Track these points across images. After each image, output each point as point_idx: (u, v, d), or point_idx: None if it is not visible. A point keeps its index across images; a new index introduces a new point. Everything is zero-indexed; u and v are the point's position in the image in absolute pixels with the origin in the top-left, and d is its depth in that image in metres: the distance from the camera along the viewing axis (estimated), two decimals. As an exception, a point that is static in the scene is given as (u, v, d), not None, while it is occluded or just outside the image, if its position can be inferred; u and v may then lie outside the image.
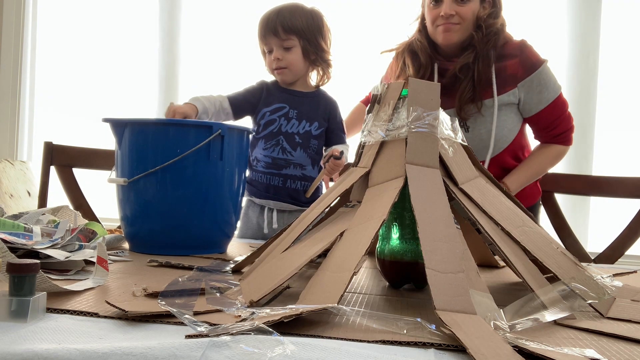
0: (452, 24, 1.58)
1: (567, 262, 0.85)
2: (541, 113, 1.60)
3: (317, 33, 1.58)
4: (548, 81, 1.58)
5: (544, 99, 1.59)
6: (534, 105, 1.60)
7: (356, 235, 0.77)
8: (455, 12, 1.57)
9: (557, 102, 1.60)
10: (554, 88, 1.59)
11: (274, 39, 1.55)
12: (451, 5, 1.57)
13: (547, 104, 1.59)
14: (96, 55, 2.73)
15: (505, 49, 1.60)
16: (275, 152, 1.58)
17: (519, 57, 1.58)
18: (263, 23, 1.57)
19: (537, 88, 1.58)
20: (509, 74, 1.58)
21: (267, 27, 1.55)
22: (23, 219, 1.07)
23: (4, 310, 0.61)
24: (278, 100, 1.60)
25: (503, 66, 1.58)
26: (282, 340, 0.55)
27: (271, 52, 1.57)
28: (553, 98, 1.59)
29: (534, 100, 1.59)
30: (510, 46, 1.61)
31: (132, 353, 0.52)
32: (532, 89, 1.58)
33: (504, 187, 1.40)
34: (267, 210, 1.62)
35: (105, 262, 0.84)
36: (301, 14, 1.56)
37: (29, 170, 2.59)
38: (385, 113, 0.88)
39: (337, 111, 1.65)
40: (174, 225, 1.16)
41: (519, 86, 1.58)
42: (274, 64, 1.57)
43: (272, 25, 1.54)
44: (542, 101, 1.59)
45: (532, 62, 1.58)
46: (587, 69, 2.35)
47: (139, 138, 1.16)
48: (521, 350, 0.56)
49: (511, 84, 1.58)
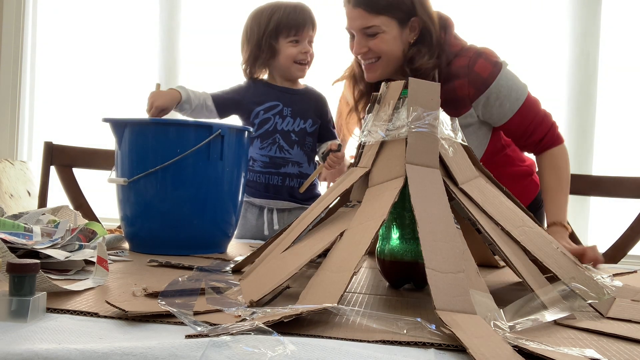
0: (371, 63, 1.43)
1: (567, 262, 0.85)
2: (509, 123, 1.42)
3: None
4: (508, 91, 1.39)
5: (508, 110, 1.40)
6: (498, 118, 1.43)
7: (356, 235, 0.77)
8: (368, 48, 1.41)
9: (524, 108, 1.41)
10: (516, 95, 1.40)
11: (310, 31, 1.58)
12: (361, 42, 1.41)
13: (512, 114, 1.41)
14: (96, 55, 2.73)
15: (451, 68, 1.41)
16: (272, 151, 1.58)
17: (467, 77, 1.39)
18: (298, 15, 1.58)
19: (495, 102, 1.40)
20: (459, 96, 1.40)
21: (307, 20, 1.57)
22: (23, 219, 1.07)
23: (4, 310, 0.61)
24: (270, 98, 1.60)
25: (451, 88, 1.40)
26: (282, 340, 0.55)
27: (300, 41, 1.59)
28: (518, 106, 1.40)
29: (496, 115, 1.42)
30: (457, 64, 1.41)
31: (132, 353, 0.52)
32: (490, 104, 1.40)
33: (564, 230, 1.32)
34: (267, 211, 1.62)
35: (105, 262, 0.84)
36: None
37: (29, 170, 2.59)
38: (385, 113, 0.88)
39: (327, 107, 1.66)
40: (174, 225, 1.16)
41: (474, 105, 1.41)
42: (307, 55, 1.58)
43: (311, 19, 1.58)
44: (506, 113, 1.41)
45: (483, 80, 1.38)
46: (587, 69, 2.35)
47: (139, 138, 1.16)
48: (521, 350, 0.56)
49: (465, 106, 1.42)
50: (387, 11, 1.38)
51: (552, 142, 1.44)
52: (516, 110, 1.40)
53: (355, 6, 1.40)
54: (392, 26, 1.39)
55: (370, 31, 1.39)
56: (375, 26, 1.38)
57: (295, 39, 1.57)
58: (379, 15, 1.38)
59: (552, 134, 1.44)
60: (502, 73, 1.39)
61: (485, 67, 1.39)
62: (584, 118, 2.33)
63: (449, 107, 1.39)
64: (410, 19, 1.39)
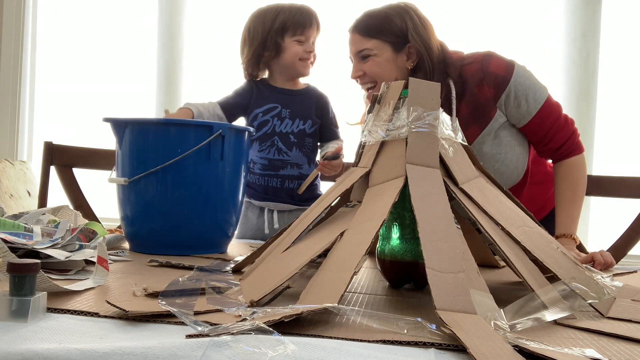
0: (369, 89, 1.44)
1: (567, 262, 0.85)
2: (529, 125, 1.39)
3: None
4: (525, 90, 1.36)
5: (526, 112, 1.38)
6: (517, 119, 1.40)
7: (356, 235, 0.77)
8: (363, 71, 1.43)
9: (543, 111, 1.38)
10: (535, 96, 1.37)
11: (315, 32, 1.60)
12: (357, 66, 1.44)
13: (530, 116, 1.38)
14: (96, 55, 2.73)
15: (465, 77, 1.39)
16: (271, 154, 1.58)
17: (484, 80, 1.37)
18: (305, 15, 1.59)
19: (514, 102, 1.37)
20: (482, 101, 1.38)
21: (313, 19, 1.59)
22: (23, 219, 1.07)
23: (5, 310, 0.61)
24: (269, 100, 1.60)
25: (473, 96, 1.38)
26: (283, 340, 0.55)
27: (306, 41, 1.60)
28: (537, 108, 1.37)
29: (515, 116, 1.39)
30: (470, 71, 1.39)
31: (132, 353, 0.52)
32: (509, 104, 1.37)
33: (572, 242, 1.30)
34: (267, 212, 1.62)
35: (106, 262, 0.84)
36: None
37: (29, 170, 2.59)
38: (385, 113, 0.88)
39: (329, 106, 1.65)
40: (174, 225, 1.16)
41: (499, 106, 1.38)
42: (307, 54, 1.59)
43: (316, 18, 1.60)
44: (525, 115, 1.38)
45: (502, 77, 1.36)
46: (587, 69, 2.35)
47: (140, 138, 1.16)
48: (521, 350, 0.56)
49: (491, 109, 1.39)
50: (380, 35, 1.41)
51: (571, 151, 1.41)
52: (535, 112, 1.37)
53: (352, 31, 1.45)
54: (385, 50, 1.41)
55: (363, 54, 1.42)
56: (367, 49, 1.41)
57: (301, 38, 1.57)
58: (371, 39, 1.41)
59: (572, 142, 1.41)
60: (517, 69, 1.37)
61: (500, 65, 1.38)
62: (584, 118, 2.33)
63: (477, 116, 1.39)
64: (405, 45, 1.40)
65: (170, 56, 2.63)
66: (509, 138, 1.41)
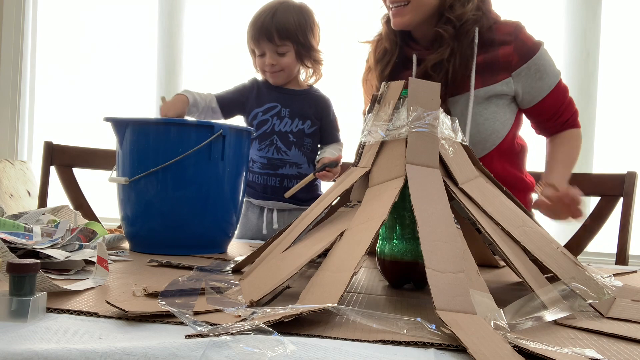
0: (400, 7, 1.40)
1: (567, 262, 0.85)
2: (544, 101, 1.46)
3: (309, 33, 1.57)
4: (547, 66, 1.44)
5: (545, 85, 1.44)
6: (535, 94, 1.45)
7: (356, 235, 0.77)
8: None
9: (559, 88, 1.46)
10: (554, 73, 1.45)
11: (268, 44, 1.53)
12: None
13: (549, 90, 1.45)
14: (96, 55, 2.73)
15: (495, 34, 1.43)
16: (270, 153, 1.58)
17: (513, 43, 1.42)
18: (257, 26, 1.54)
19: (536, 75, 1.43)
20: (501, 62, 1.42)
21: (261, 32, 1.52)
22: (23, 219, 1.07)
23: (4, 310, 0.61)
24: (269, 99, 1.60)
25: (495, 53, 1.42)
26: (282, 340, 0.55)
27: (263, 55, 1.56)
28: (555, 83, 1.45)
29: (535, 89, 1.44)
30: (501, 30, 1.43)
31: (132, 353, 0.52)
32: (530, 77, 1.43)
33: (551, 188, 1.28)
34: (267, 211, 1.62)
35: (106, 262, 0.84)
36: (294, 15, 1.54)
37: (29, 170, 2.59)
38: (385, 113, 0.88)
39: (330, 109, 1.64)
40: (174, 225, 1.16)
41: (514, 75, 1.43)
42: (266, 67, 1.57)
43: (266, 30, 1.52)
44: (544, 88, 1.45)
45: (529, 48, 1.42)
46: (587, 69, 2.35)
47: (141, 137, 1.16)
48: (521, 350, 0.56)
49: (504, 73, 1.43)
50: None
51: (573, 124, 1.52)
52: (554, 86, 1.46)
53: None
54: None
55: None
56: None
57: (256, 51, 1.57)
58: None
59: (575, 117, 1.52)
60: (543, 47, 1.44)
61: (530, 37, 1.44)
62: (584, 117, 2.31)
63: (487, 72, 1.43)
64: None
65: (170, 56, 2.64)
66: (496, 109, 1.45)
